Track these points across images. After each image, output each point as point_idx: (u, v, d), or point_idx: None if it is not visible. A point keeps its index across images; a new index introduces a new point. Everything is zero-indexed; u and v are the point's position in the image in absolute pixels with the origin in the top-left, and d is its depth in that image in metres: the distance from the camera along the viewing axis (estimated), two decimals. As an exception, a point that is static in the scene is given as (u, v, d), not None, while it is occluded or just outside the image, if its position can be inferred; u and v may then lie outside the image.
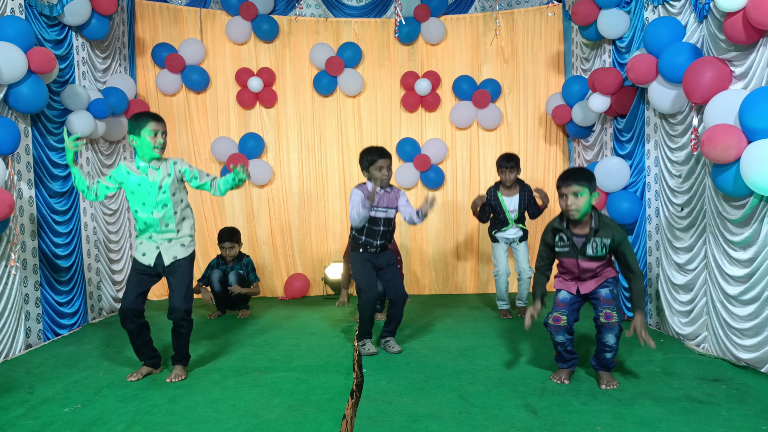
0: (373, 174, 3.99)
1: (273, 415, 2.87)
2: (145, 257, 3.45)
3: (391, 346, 4.01)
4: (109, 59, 5.54)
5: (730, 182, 3.27)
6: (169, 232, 3.45)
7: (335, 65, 6.14)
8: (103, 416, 2.89)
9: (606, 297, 3.20)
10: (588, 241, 3.18)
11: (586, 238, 3.19)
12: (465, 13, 6.39)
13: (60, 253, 4.65)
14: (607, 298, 3.19)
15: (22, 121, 4.26)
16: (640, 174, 4.66)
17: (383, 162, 3.97)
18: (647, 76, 4.12)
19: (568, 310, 3.24)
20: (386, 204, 4.04)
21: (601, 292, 3.22)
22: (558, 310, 3.24)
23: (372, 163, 3.98)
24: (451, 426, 2.70)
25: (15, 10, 4.18)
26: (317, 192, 6.42)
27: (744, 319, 3.40)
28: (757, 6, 3.04)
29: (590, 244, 3.18)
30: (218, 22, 6.27)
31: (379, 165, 3.96)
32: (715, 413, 2.78)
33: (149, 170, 3.40)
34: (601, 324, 3.13)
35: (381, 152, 4.01)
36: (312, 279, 6.37)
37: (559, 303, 3.28)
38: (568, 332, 3.23)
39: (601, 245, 3.17)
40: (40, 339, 4.39)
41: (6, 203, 3.67)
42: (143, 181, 3.40)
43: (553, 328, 3.23)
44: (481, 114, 6.25)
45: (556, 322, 3.22)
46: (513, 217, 4.95)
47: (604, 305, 3.16)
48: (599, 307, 3.17)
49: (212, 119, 6.32)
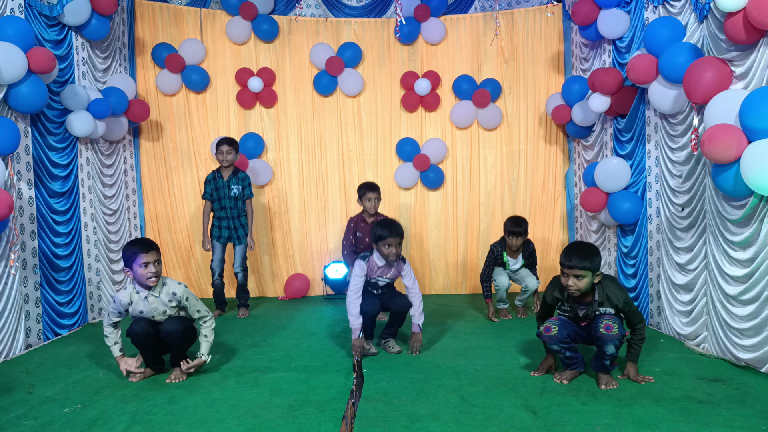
0: (380, 249, 3.89)
1: (273, 415, 2.86)
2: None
3: (390, 347, 4.01)
4: (109, 59, 5.54)
5: (731, 182, 3.27)
6: None
7: (335, 65, 6.14)
8: (103, 416, 2.89)
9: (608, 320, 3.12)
10: (590, 312, 3.20)
11: (588, 308, 3.20)
12: (465, 13, 6.39)
13: (60, 253, 4.65)
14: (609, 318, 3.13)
15: (21, 121, 4.26)
16: (641, 174, 4.66)
17: (393, 240, 3.82)
18: (647, 76, 4.12)
19: (559, 323, 3.24)
20: (389, 276, 4.03)
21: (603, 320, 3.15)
22: (549, 321, 3.28)
23: (381, 239, 3.85)
24: (451, 426, 2.70)
25: (15, 10, 4.18)
26: (317, 192, 6.42)
27: (744, 319, 3.40)
28: (757, 6, 3.04)
29: (592, 311, 3.19)
30: (218, 22, 6.27)
31: (388, 242, 3.83)
32: (715, 413, 2.78)
33: (150, 298, 3.44)
34: (600, 335, 3.10)
35: (392, 228, 3.83)
36: (312, 279, 6.37)
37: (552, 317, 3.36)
38: (562, 342, 3.21)
39: (604, 311, 3.17)
40: (40, 339, 4.39)
41: (5, 204, 3.67)
42: (146, 309, 3.45)
43: (546, 338, 3.26)
44: (481, 114, 6.25)
45: (547, 332, 3.23)
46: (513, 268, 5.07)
47: (603, 318, 3.13)
48: (599, 318, 3.14)
49: (212, 119, 6.31)
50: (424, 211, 6.42)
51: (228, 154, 5.18)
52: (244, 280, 5.39)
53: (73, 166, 4.91)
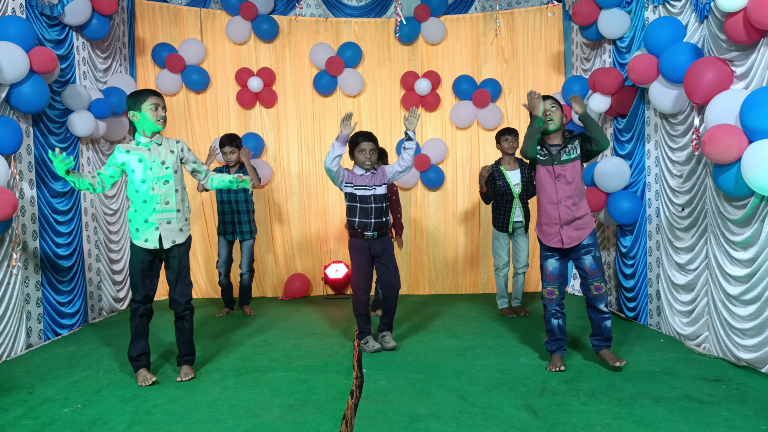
0: (356, 157, 4.05)
1: (273, 415, 2.87)
2: (147, 242, 3.38)
3: (387, 341, 4.04)
4: (109, 59, 5.55)
5: (731, 182, 3.27)
6: (169, 211, 3.40)
7: (335, 65, 6.14)
8: (103, 416, 2.89)
9: (592, 268, 3.49)
10: (561, 149, 3.55)
11: (560, 147, 3.57)
12: (465, 13, 6.39)
13: (61, 253, 4.65)
14: (593, 269, 3.48)
15: (23, 120, 4.27)
16: (641, 174, 4.66)
17: (366, 144, 4.02)
18: (648, 77, 4.11)
19: (559, 282, 3.57)
20: (372, 183, 4.06)
21: (586, 263, 3.49)
22: (550, 284, 3.57)
23: (356, 145, 4.04)
24: (451, 426, 2.70)
25: (16, 10, 4.18)
26: (317, 192, 6.42)
27: (745, 319, 3.40)
28: (757, 6, 3.04)
29: (563, 150, 3.55)
30: (218, 22, 6.27)
31: (362, 147, 4.02)
32: (715, 413, 2.78)
33: (152, 145, 3.39)
34: (593, 297, 3.49)
35: (366, 134, 4.05)
36: (312, 279, 6.37)
37: (549, 276, 3.57)
38: (560, 305, 3.57)
39: (572, 147, 3.55)
40: (41, 339, 4.39)
41: (9, 203, 3.68)
42: (145, 157, 3.36)
43: (548, 301, 3.56)
44: (481, 114, 6.25)
45: (550, 295, 3.56)
46: (517, 191, 4.97)
47: (592, 278, 3.48)
48: (588, 280, 3.50)
49: (212, 119, 6.32)
50: (424, 211, 6.42)
51: (231, 155, 5.16)
52: (248, 282, 5.38)
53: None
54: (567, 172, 3.52)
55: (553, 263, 3.58)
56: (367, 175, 4.07)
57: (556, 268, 3.57)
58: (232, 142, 5.17)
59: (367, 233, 4.04)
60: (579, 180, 3.55)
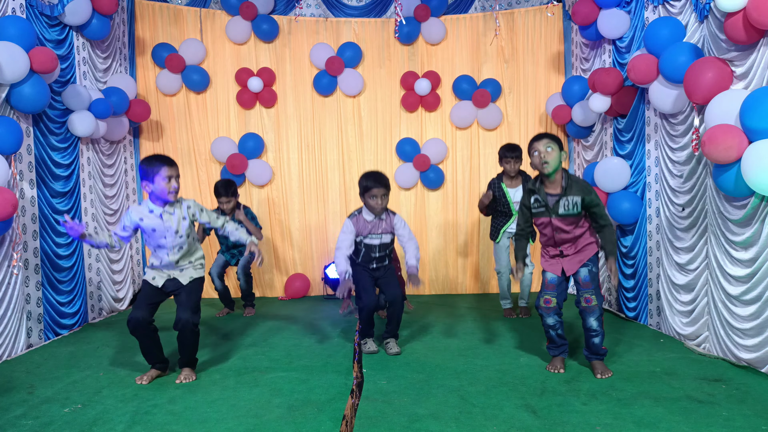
0: (367, 202, 3.93)
1: (273, 415, 2.87)
2: (154, 281, 3.51)
3: (390, 348, 4.00)
4: (109, 59, 5.55)
5: (731, 182, 3.27)
6: (181, 267, 3.53)
7: (335, 65, 6.14)
8: (103, 416, 2.89)
9: (585, 280, 3.41)
10: (560, 200, 3.35)
11: (558, 197, 3.36)
12: (465, 13, 6.39)
13: (61, 253, 4.65)
14: (585, 281, 3.40)
15: (23, 120, 4.27)
16: (641, 174, 4.66)
17: (378, 191, 3.87)
18: (648, 77, 4.12)
19: (557, 291, 3.46)
20: (380, 231, 4.01)
21: (581, 275, 3.42)
22: (547, 293, 3.46)
23: (367, 191, 3.89)
24: (451, 426, 2.70)
25: (16, 10, 4.18)
26: (317, 192, 6.42)
27: (745, 319, 3.40)
28: (757, 6, 3.04)
29: (562, 201, 3.34)
30: (218, 22, 6.27)
31: (373, 193, 3.88)
32: (715, 413, 2.78)
33: (164, 215, 3.41)
34: (582, 309, 3.40)
35: (377, 179, 3.89)
36: (312, 279, 6.37)
37: (548, 285, 3.48)
38: (558, 314, 3.46)
39: (573, 203, 3.34)
40: (41, 339, 4.39)
41: (10, 202, 3.68)
42: (159, 227, 3.42)
43: (544, 310, 3.45)
44: (481, 114, 6.25)
45: (546, 304, 3.44)
46: (517, 209, 4.95)
47: (584, 290, 3.40)
48: (580, 291, 3.42)
49: (212, 119, 6.32)
50: (424, 211, 6.42)
51: (227, 204, 5.06)
52: (245, 286, 5.37)
53: (74, 166, 4.91)
54: (567, 227, 3.38)
55: (551, 275, 3.50)
56: (375, 221, 3.98)
57: (555, 278, 3.48)
58: (227, 191, 5.04)
59: (370, 267, 4.06)
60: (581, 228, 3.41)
